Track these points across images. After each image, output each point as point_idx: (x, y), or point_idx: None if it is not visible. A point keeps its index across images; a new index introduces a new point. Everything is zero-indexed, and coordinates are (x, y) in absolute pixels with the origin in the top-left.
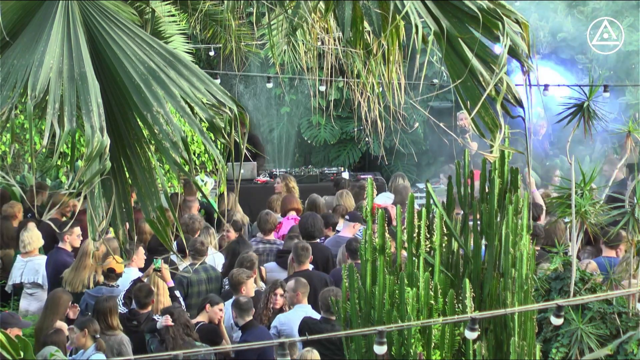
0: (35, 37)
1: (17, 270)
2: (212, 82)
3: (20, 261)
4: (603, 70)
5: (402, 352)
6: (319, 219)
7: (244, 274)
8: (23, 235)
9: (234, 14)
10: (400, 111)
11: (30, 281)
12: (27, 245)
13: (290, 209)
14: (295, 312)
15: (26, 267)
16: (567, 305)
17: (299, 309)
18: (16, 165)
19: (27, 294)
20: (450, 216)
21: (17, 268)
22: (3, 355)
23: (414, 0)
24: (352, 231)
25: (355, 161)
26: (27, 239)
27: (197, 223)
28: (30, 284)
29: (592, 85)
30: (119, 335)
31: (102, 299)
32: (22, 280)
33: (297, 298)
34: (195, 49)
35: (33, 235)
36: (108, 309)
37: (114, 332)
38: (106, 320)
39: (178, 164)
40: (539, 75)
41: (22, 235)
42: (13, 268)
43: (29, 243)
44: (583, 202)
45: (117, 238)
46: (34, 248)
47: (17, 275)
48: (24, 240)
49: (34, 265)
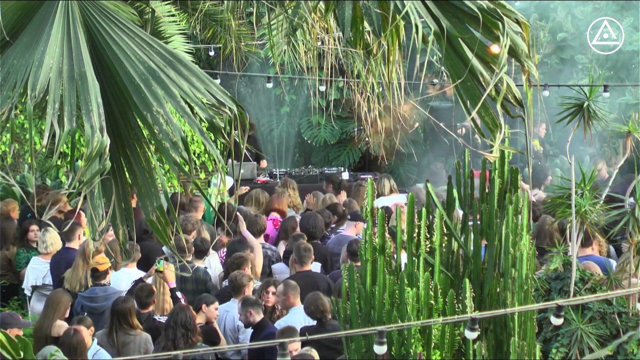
0: (35, 37)
1: (38, 272)
2: (212, 82)
3: (41, 262)
4: (603, 70)
5: (402, 352)
6: (320, 218)
7: (245, 277)
8: (45, 236)
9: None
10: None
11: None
12: (49, 246)
13: (272, 209)
14: (291, 316)
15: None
16: (567, 305)
17: (294, 312)
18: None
19: (43, 295)
20: (450, 216)
21: (39, 270)
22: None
23: (414, 0)
24: (354, 230)
25: (355, 161)
26: (50, 240)
27: (190, 225)
28: (50, 285)
29: (592, 85)
30: (142, 334)
31: (121, 299)
32: (45, 282)
33: (289, 301)
34: (195, 49)
35: (54, 236)
36: (128, 309)
37: (137, 332)
38: (128, 321)
39: (178, 164)
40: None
41: (43, 236)
42: (32, 269)
43: (51, 244)
44: (583, 202)
45: (117, 238)
46: (54, 249)
47: (38, 277)
48: (46, 242)
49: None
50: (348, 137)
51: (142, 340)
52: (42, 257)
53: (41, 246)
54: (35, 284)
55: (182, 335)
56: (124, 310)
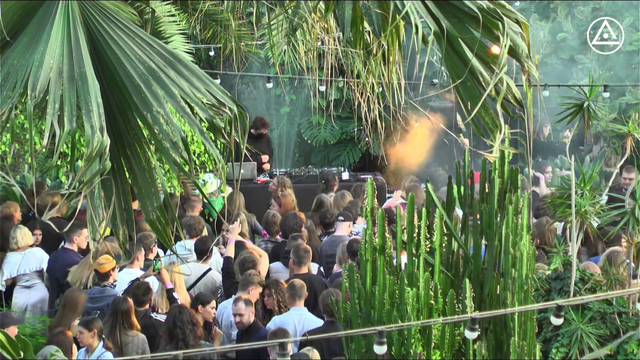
0: (35, 37)
1: (11, 265)
2: (212, 82)
3: (14, 256)
4: (603, 70)
5: (402, 352)
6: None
7: (255, 277)
8: (15, 233)
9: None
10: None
11: (31, 270)
12: (19, 242)
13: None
14: (290, 315)
15: (24, 258)
16: (567, 305)
17: (294, 311)
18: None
19: (23, 287)
20: (450, 216)
21: (12, 263)
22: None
23: (414, 0)
24: (347, 230)
25: (355, 161)
26: (20, 236)
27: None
28: (29, 274)
29: (592, 85)
30: (140, 335)
31: (120, 299)
32: (20, 272)
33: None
34: (195, 49)
35: (24, 232)
36: (127, 309)
37: (136, 333)
38: (127, 321)
39: (178, 164)
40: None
41: (13, 232)
42: (5, 264)
43: (22, 239)
44: (583, 202)
45: (117, 238)
46: (25, 244)
47: (12, 270)
48: (16, 237)
49: (35, 253)
50: (348, 137)
51: (139, 342)
52: (14, 252)
53: (12, 242)
54: (11, 276)
55: (190, 331)
56: (124, 309)
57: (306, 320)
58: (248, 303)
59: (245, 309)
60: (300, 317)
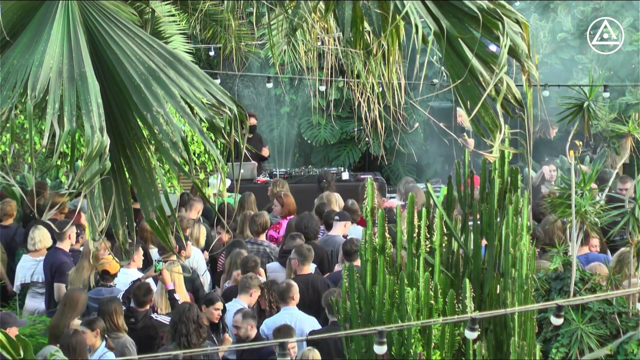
0: (35, 37)
1: (26, 269)
2: (212, 82)
3: (29, 260)
4: (603, 70)
5: (402, 352)
6: (315, 219)
7: (255, 280)
8: (33, 233)
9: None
10: (400, 111)
11: (44, 279)
12: (37, 243)
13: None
14: (281, 315)
15: (39, 266)
16: (567, 305)
17: (284, 311)
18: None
19: (37, 293)
20: (450, 216)
21: (27, 267)
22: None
23: (414, 0)
24: (343, 230)
25: (355, 161)
26: (38, 237)
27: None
28: (42, 282)
29: (592, 85)
30: (122, 337)
31: (107, 299)
32: (33, 279)
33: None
34: (195, 49)
35: (43, 233)
36: (113, 309)
37: (119, 334)
38: (112, 321)
39: (178, 164)
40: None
41: (31, 233)
42: (20, 267)
43: (40, 241)
44: (583, 202)
45: (117, 238)
46: (43, 247)
47: (27, 275)
48: (34, 238)
49: None
50: (348, 137)
51: (119, 345)
52: (30, 254)
53: (30, 243)
54: (24, 281)
55: (195, 330)
56: (110, 310)
57: (298, 320)
58: (247, 315)
59: (242, 321)
60: (292, 317)
